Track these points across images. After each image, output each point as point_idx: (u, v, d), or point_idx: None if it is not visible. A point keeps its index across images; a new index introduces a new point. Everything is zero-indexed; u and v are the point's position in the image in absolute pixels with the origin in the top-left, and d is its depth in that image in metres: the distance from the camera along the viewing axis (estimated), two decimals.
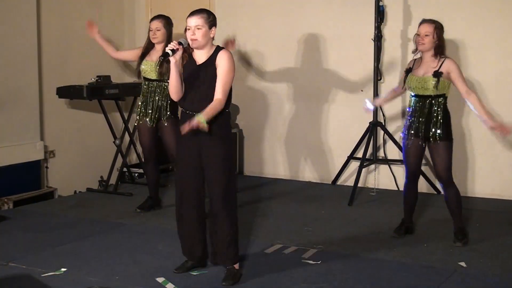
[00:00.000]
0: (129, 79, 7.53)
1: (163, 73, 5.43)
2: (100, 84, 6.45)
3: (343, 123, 6.86)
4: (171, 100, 5.50)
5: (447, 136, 4.74)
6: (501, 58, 6.15)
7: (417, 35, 4.74)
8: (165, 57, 3.85)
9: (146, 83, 5.60)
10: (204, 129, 3.75)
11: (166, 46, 5.35)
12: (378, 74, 6.36)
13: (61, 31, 6.86)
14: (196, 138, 3.97)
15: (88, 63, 7.10)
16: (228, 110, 4.07)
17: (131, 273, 4.21)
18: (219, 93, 3.93)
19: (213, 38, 4.03)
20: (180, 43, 3.90)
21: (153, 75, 5.53)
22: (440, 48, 4.72)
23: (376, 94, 6.35)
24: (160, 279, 4.09)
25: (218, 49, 4.03)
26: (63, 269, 4.25)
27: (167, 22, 5.55)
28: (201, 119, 3.75)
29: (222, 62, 3.96)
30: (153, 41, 5.54)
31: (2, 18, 6.11)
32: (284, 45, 7.09)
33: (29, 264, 4.36)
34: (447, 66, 4.68)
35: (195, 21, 3.94)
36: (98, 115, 6.91)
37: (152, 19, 5.59)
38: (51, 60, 6.74)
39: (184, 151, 4.08)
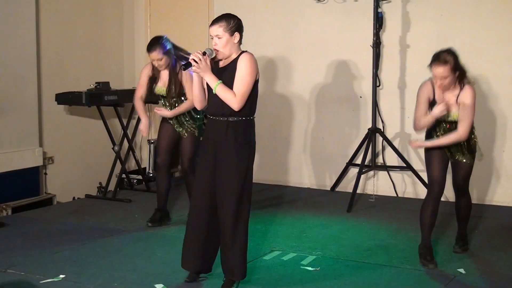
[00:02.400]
0: (128, 85, 7.54)
1: (172, 91, 5.34)
2: (99, 90, 6.46)
3: (342, 129, 6.86)
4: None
5: (472, 157, 4.58)
6: (500, 63, 6.16)
7: (435, 76, 4.40)
8: (186, 66, 3.80)
9: (161, 100, 5.51)
10: (198, 70, 3.76)
11: (171, 68, 5.31)
12: (377, 81, 6.37)
13: (60, 37, 6.87)
14: (214, 145, 3.92)
15: (87, 69, 7.12)
16: (252, 118, 3.96)
17: (130, 280, 4.20)
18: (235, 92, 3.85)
19: (240, 42, 3.94)
20: (204, 53, 3.82)
21: (163, 92, 5.43)
22: (460, 77, 4.43)
23: (374, 100, 6.36)
24: (159, 286, 4.08)
25: (242, 52, 3.95)
26: (61, 276, 4.24)
27: (165, 49, 5.32)
28: (217, 83, 3.79)
29: (241, 64, 3.86)
30: (160, 69, 5.38)
31: (1, 24, 6.11)
32: (282, 51, 7.10)
33: (28, 270, 4.34)
34: (464, 96, 4.40)
35: (215, 31, 3.87)
36: (97, 121, 6.91)
37: (149, 51, 5.29)
38: (50, 67, 6.74)
39: (202, 158, 4.01)
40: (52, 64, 6.77)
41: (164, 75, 5.39)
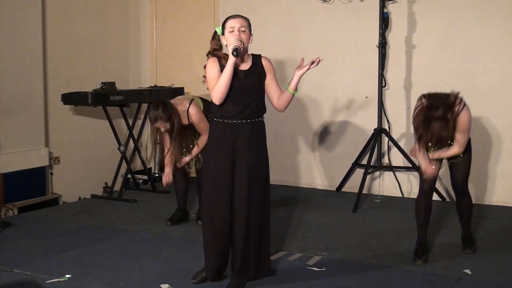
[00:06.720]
0: (134, 85, 7.55)
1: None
2: (105, 90, 6.47)
3: (348, 130, 6.86)
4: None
5: (466, 149, 4.54)
6: (505, 64, 6.15)
7: None
8: (237, 52, 3.70)
9: None
10: None
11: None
12: (382, 81, 6.36)
13: (66, 37, 6.89)
14: (232, 148, 3.87)
15: (93, 70, 7.13)
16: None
17: (135, 280, 4.20)
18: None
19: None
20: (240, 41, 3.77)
21: None
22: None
23: (380, 100, 6.35)
24: (165, 286, 4.08)
25: (257, 55, 3.96)
26: (67, 276, 4.25)
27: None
28: (294, 89, 3.88)
29: (271, 67, 3.96)
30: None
31: (8, 25, 6.13)
32: (288, 51, 7.09)
33: (34, 270, 4.36)
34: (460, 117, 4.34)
35: (241, 22, 3.80)
36: (103, 121, 6.92)
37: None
38: (56, 67, 6.76)
39: (219, 159, 3.91)
40: (58, 64, 6.78)
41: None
